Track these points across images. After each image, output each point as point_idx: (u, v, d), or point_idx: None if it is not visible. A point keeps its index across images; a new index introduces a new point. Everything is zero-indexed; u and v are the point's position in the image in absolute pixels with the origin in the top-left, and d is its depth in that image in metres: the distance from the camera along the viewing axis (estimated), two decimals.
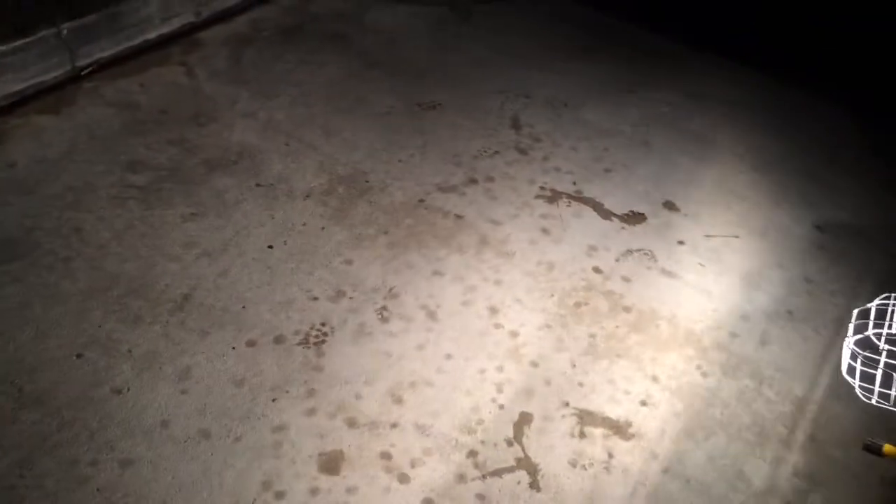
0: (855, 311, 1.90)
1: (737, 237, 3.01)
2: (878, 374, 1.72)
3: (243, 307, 2.49)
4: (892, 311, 1.81)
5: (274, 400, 2.25)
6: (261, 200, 2.87)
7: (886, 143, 3.54)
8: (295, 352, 2.39)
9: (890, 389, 1.71)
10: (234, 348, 2.37)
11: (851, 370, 1.77)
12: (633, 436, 2.29)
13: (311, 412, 2.24)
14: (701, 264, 2.88)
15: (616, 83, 3.80)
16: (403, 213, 2.92)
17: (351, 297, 2.58)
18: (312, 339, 2.43)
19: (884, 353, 1.71)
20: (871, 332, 1.83)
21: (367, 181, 3.03)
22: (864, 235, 3.06)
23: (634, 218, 3.05)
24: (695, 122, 3.59)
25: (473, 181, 3.11)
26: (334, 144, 3.16)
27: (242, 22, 3.79)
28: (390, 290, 2.62)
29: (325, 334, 2.45)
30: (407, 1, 4.16)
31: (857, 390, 1.77)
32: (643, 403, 2.38)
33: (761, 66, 3.99)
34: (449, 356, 2.44)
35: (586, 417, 2.33)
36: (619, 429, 2.31)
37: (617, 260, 2.86)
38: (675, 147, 3.42)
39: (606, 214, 3.05)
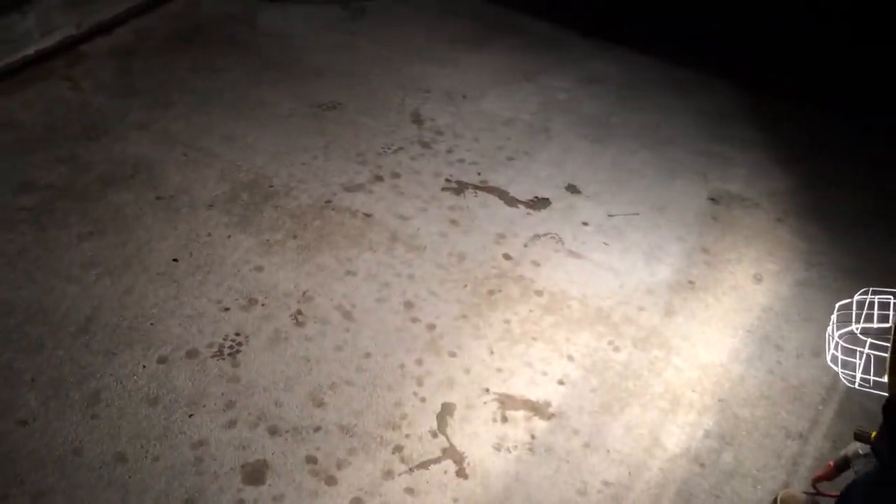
0: (836, 305, 2.02)
1: (637, 214, 3.12)
2: (860, 361, 1.83)
3: (151, 324, 2.43)
4: (873, 305, 1.93)
5: (191, 415, 2.20)
6: (162, 213, 2.79)
7: (772, 117, 3.73)
8: (209, 364, 2.34)
9: (869, 374, 1.83)
10: (144, 367, 2.31)
11: (835, 359, 1.89)
12: (553, 415, 2.35)
13: (231, 424, 2.20)
14: (605, 243, 2.97)
15: (512, 72, 3.86)
16: (311, 215, 2.90)
17: (263, 305, 2.55)
18: (227, 350, 2.39)
19: (867, 344, 1.83)
20: (854, 326, 1.93)
21: (271, 186, 2.99)
22: (753, 202, 3.22)
23: (539, 203, 3.12)
24: (590, 106, 3.69)
25: (379, 178, 3.11)
26: (235, 150, 3.11)
27: (127, 32, 3.67)
28: (304, 293, 2.60)
29: (240, 344, 2.41)
30: (298, 1, 4.11)
31: (841, 376, 1.88)
32: (561, 383, 2.45)
33: (651, 48, 4.13)
34: (368, 354, 2.44)
35: (507, 402, 2.37)
36: (540, 409, 2.36)
37: (525, 245, 2.92)
38: (574, 131, 3.52)
39: (512, 202, 3.10)
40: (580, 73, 3.92)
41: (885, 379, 1.66)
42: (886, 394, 1.67)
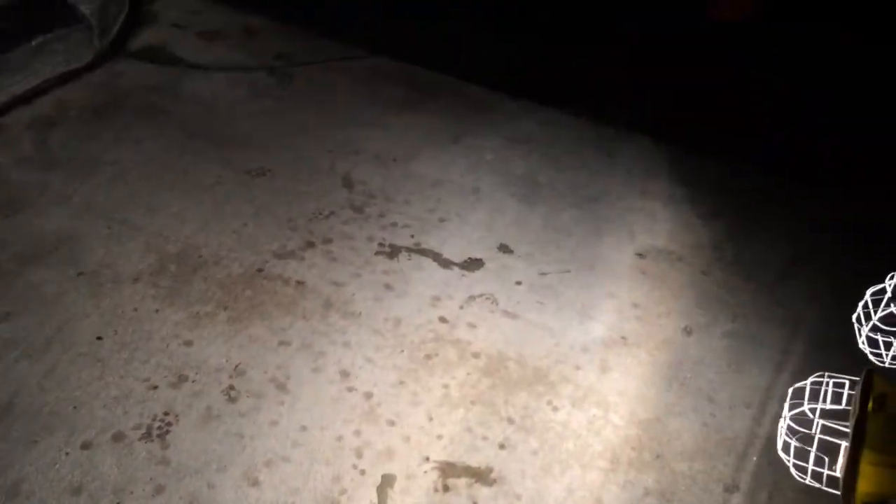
0: (790, 390, 2.02)
1: (569, 272, 3.17)
2: (812, 452, 1.82)
3: (74, 407, 2.32)
4: (826, 391, 1.93)
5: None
6: (84, 290, 2.70)
7: (691, 172, 3.87)
8: (136, 447, 2.24)
9: (822, 468, 1.81)
10: (67, 454, 2.19)
11: (786, 447, 1.87)
12: (495, 481, 2.33)
13: None
14: (540, 302, 3.00)
15: (440, 134, 3.92)
16: (242, 285, 2.84)
17: (194, 381, 2.47)
18: (156, 431, 2.30)
19: (817, 429, 1.81)
20: (806, 407, 1.93)
21: (200, 256, 2.93)
22: (678, 256, 3.31)
23: (473, 264, 3.14)
24: (518, 166, 3.77)
25: (311, 244, 3.09)
26: (161, 221, 3.04)
27: (47, 102, 3.59)
28: (236, 367, 2.53)
29: (169, 424, 2.32)
30: (223, 69, 4.11)
31: (792, 469, 1.86)
32: (501, 447, 2.43)
33: (574, 108, 4.26)
34: (304, 428, 2.38)
35: (448, 469, 2.34)
36: (481, 475, 2.34)
37: (461, 307, 2.92)
38: (503, 191, 3.57)
39: (446, 263, 3.12)
40: (508, 134, 4.01)
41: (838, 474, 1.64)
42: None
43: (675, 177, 3.84)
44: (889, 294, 1.95)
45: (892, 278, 2.02)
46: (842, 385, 1.95)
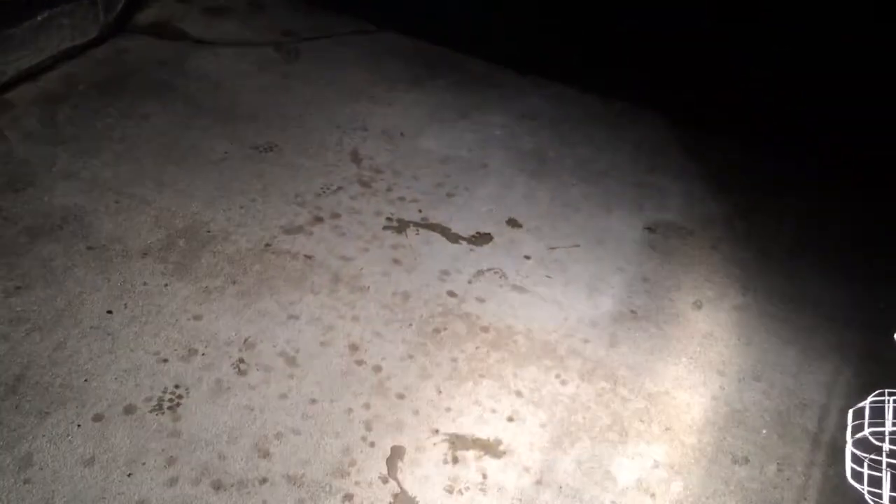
0: (850, 412, 1.92)
1: (578, 246, 3.16)
2: (886, 477, 1.72)
3: (85, 380, 2.33)
4: (887, 407, 1.83)
5: (130, 475, 2.11)
6: (94, 264, 2.70)
7: (704, 148, 3.84)
8: (148, 420, 2.25)
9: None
10: (79, 426, 2.20)
11: (857, 475, 1.76)
12: (503, 453, 2.33)
13: (173, 481, 2.11)
14: (548, 276, 2.99)
15: (449, 110, 3.90)
16: (250, 259, 2.84)
17: (204, 354, 2.47)
18: (166, 404, 2.31)
19: (885, 454, 1.71)
20: (867, 431, 1.84)
21: (208, 231, 2.93)
22: (688, 230, 3.30)
23: (481, 238, 3.13)
24: (527, 141, 3.74)
25: (319, 219, 3.08)
26: (169, 197, 3.04)
27: (53, 78, 3.57)
28: (245, 341, 2.54)
29: (180, 397, 2.33)
30: (229, 44, 4.08)
31: (867, 496, 1.76)
32: (510, 420, 2.43)
33: (583, 84, 4.22)
34: (313, 401, 2.39)
35: (457, 442, 2.34)
36: (490, 448, 2.34)
37: (469, 282, 2.92)
38: (512, 166, 3.55)
39: (454, 238, 3.11)
40: (517, 110, 3.98)
41: None
42: None
43: (685, 153, 3.82)
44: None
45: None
46: None
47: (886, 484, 1.72)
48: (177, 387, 2.36)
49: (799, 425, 2.54)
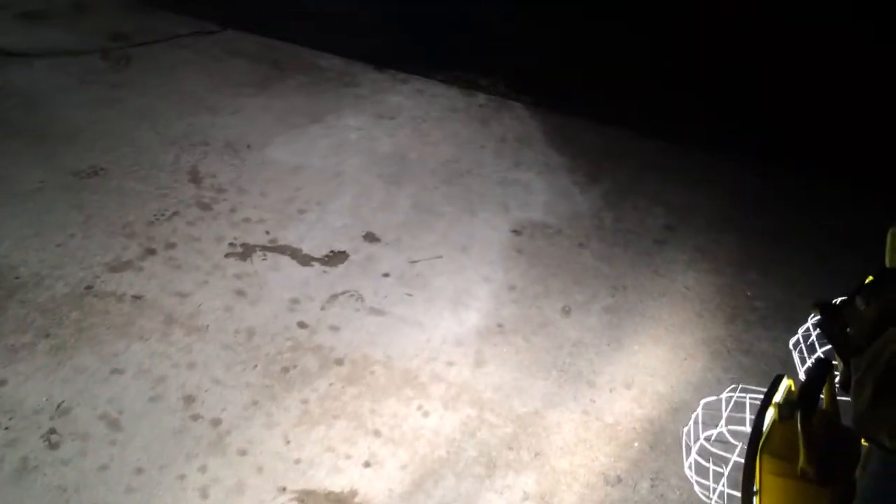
0: (701, 402, 1.85)
1: (440, 257, 2.96)
2: (725, 473, 1.66)
3: None
4: (730, 404, 1.77)
5: None
6: None
7: (564, 138, 3.71)
8: None
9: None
10: None
11: (697, 467, 1.71)
12: None
13: None
14: (409, 294, 2.78)
15: (300, 114, 3.62)
16: (68, 307, 2.51)
17: (7, 428, 2.14)
18: None
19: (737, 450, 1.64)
20: (724, 427, 1.77)
21: (17, 277, 2.57)
22: (555, 229, 3.15)
23: (336, 258, 2.89)
24: (384, 143, 3.52)
25: (151, 252, 2.76)
26: None
27: None
28: (58, 406, 2.22)
29: None
30: (49, 54, 3.66)
31: (696, 487, 1.71)
32: (367, 465, 2.22)
33: (443, 76, 4.02)
34: (139, 470, 2.10)
35: (307, 499, 2.11)
36: (344, 501, 2.12)
37: (322, 308, 2.68)
38: (369, 172, 3.32)
39: (306, 260, 2.85)
40: (373, 109, 3.74)
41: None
42: None
43: (550, 143, 3.68)
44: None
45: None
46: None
47: (713, 479, 1.71)
48: None
49: (671, 432, 2.43)
